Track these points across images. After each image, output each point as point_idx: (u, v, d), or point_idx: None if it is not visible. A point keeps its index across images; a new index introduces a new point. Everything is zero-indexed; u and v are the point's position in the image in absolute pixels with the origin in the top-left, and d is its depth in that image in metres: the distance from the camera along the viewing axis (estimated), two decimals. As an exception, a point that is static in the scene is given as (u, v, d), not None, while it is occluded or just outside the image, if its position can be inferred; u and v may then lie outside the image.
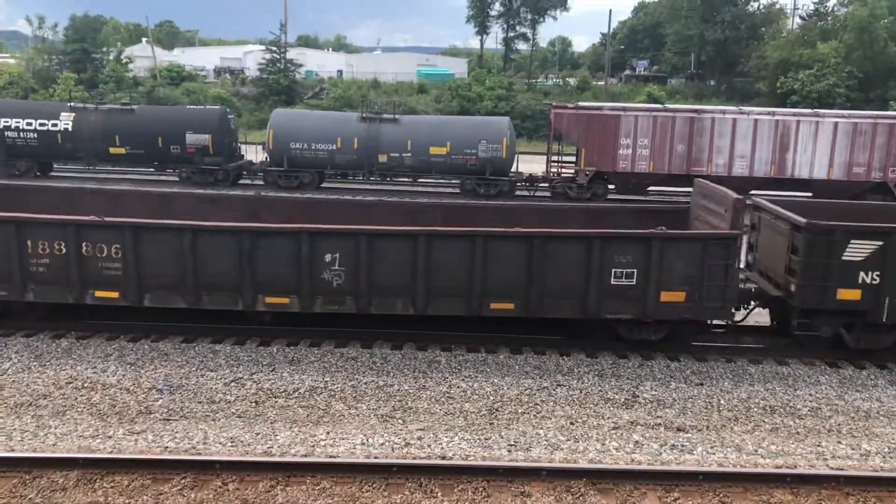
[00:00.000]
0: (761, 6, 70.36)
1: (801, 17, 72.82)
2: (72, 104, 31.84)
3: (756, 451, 9.91)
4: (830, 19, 66.15)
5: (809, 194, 29.70)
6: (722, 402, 11.46)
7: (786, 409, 11.32)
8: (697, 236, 12.74)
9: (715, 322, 13.33)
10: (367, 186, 32.01)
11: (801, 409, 11.31)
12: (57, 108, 31.55)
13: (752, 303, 13.58)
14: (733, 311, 12.83)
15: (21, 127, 30.45)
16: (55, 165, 32.69)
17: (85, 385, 11.27)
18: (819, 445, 10.15)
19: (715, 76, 71.54)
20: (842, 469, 9.37)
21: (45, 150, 30.79)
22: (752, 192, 29.69)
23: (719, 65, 70.19)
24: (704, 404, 11.36)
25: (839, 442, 10.29)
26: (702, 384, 12.04)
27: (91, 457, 8.81)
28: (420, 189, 32.27)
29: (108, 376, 11.59)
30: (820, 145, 28.26)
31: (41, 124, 30.46)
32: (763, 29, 70.15)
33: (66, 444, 9.44)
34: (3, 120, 30.52)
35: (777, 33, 70.01)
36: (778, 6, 72.35)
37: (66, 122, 30.46)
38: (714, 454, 9.77)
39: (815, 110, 31.82)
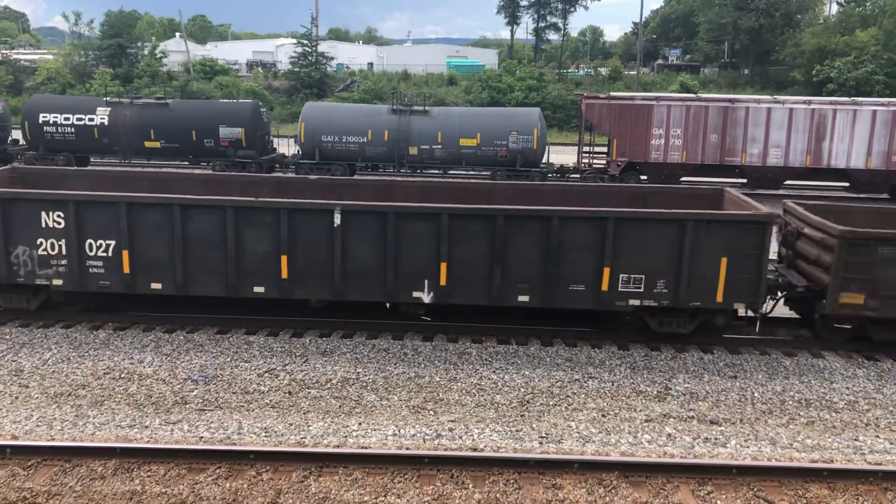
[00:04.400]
0: (797, -7, 69.09)
1: (838, 4, 71.42)
2: (107, 99, 32.25)
3: (791, 444, 9.80)
4: (869, 5, 64.71)
5: (846, 184, 29.27)
6: (756, 394, 11.34)
7: (822, 402, 11.17)
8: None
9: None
10: (400, 179, 32.02)
11: (837, 403, 11.15)
12: (93, 103, 32.01)
13: None
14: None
15: (59, 122, 30.96)
16: (92, 159, 33.20)
17: (122, 375, 11.48)
18: (856, 440, 10.00)
19: (749, 65, 70.43)
20: (880, 464, 9.23)
21: (83, 145, 31.27)
22: (787, 182, 29.37)
23: (753, 53, 69.06)
24: (738, 397, 11.24)
25: (877, 436, 10.13)
26: (735, 377, 11.92)
27: (128, 446, 8.98)
28: (451, 181, 32.21)
29: (144, 367, 11.79)
30: (858, 134, 27.74)
31: (78, 119, 30.95)
32: (799, 16, 68.81)
33: (104, 433, 9.63)
34: (41, 115, 31.06)
35: (813, 20, 68.67)
36: (814, -7, 71.02)
37: (102, 116, 30.90)
38: (748, 447, 9.67)
39: (853, 98, 31.21)
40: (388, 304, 13.35)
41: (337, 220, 12.21)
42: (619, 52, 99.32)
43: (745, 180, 29.36)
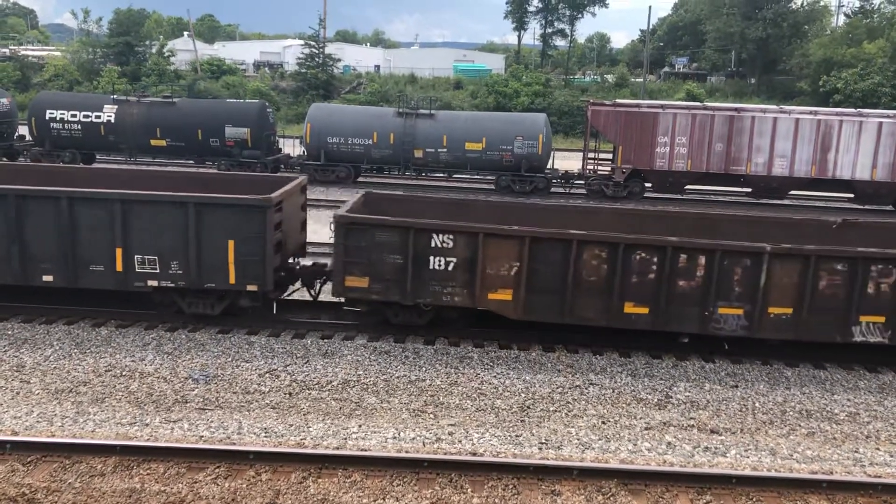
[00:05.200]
0: (805, 4, 69.00)
1: (846, 15, 71.38)
2: (115, 97, 32.37)
3: (791, 455, 9.78)
4: (877, 17, 64.67)
5: (851, 195, 29.21)
6: (757, 404, 11.32)
7: (822, 413, 11.15)
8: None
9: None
10: (404, 181, 32.06)
11: (838, 414, 11.13)
12: (100, 101, 32.11)
13: None
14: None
15: (66, 118, 31.06)
16: (98, 156, 33.28)
17: (123, 373, 11.50)
18: (856, 451, 9.98)
19: (755, 74, 70.39)
20: (880, 476, 9.21)
21: (89, 142, 31.37)
22: (792, 192, 29.31)
23: (760, 63, 69.04)
24: (739, 407, 11.23)
25: (878, 448, 10.11)
26: (736, 386, 11.91)
27: (128, 444, 8.99)
28: (455, 185, 32.25)
29: (145, 365, 11.80)
30: (863, 146, 27.70)
31: (85, 116, 31.04)
32: (806, 27, 68.80)
33: (104, 430, 9.64)
34: (48, 111, 31.16)
35: (820, 31, 68.63)
36: (822, 3, 70.97)
37: (108, 114, 30.99)
38: (748, 457, 9.65)
39: (859, 110, 31.16)
40: None
41: None
42: (626, 59, 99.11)
43: (749, 189, 29.34)
